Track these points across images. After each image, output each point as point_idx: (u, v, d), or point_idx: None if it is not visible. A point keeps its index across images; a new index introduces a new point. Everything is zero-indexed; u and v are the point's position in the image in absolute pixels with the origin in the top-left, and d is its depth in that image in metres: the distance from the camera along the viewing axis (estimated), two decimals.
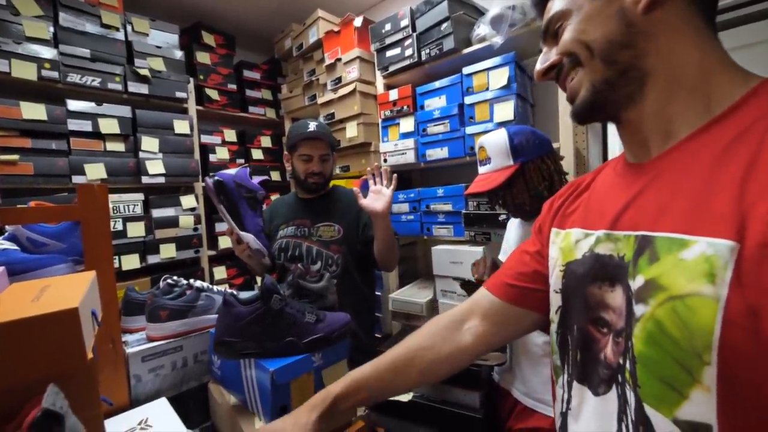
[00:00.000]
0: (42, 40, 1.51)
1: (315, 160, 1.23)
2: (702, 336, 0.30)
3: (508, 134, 0.92)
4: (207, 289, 0.91)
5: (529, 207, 0.94)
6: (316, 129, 1.21)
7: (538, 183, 0.90)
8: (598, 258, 0.42)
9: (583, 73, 0.41)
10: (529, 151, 0.91)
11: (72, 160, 1.58)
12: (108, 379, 0.73)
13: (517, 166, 0.90)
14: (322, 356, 0.77)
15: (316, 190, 1.28)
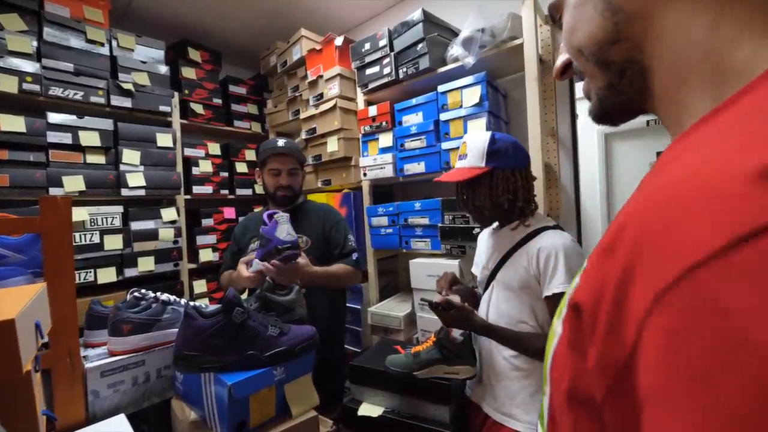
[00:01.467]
0: (24, 54, 1.53)
1: (283, 174, 1.30)
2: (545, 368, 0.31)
3: (491, 137, 0.96)
4: (173, 302, 0.90)
5: (488, 212, 0.97)
6: (284, 145, 1.29)
7: (502, 192, 0.94)
8: None
9: (588, 81, 0.35)
10: (502, 160, 0.95)
11: (50, 172, 1.57)
12: (64, 394, 0.71)
13: (486, 169, 0.93)
14: (284, 370, 0.77)
15: (285, 203, 1.33)
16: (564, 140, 1.52)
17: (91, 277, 1.65)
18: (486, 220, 1.01)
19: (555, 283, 0.88)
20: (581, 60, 0.34)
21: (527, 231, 0.97)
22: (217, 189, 2.20)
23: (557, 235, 0.93)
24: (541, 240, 0.93)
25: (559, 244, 0.90)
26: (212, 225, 2.17)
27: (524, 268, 0.93)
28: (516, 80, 1.61)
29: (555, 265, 0.88)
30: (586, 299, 0.24)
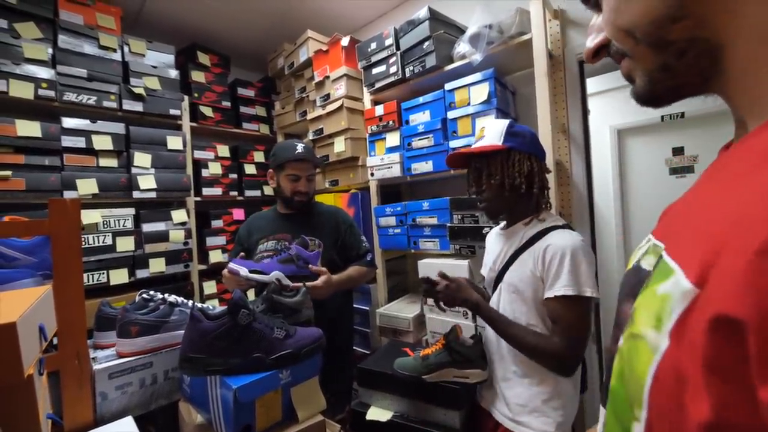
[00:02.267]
0: (40, 61, 1.57)
1: (302, 180, 1.29)
2: (636, 387, 0.26)
3: (510, 122, 0.94)
4: (181, 304, 0.91)
5: (507, 193, 0.92)
6: (303, 151, 1.28)
7: (519, 174, 0.90)
8: (637, 271, 0.35)
9: (633, 62, 0.32)
10: (521, 143, 0.92)
11: (64, 175, 1.61)
12: (72, 396, 0.72)
13: (503, 147, 0.91)
14: (290, 373, 0.76)
15: (300, 208, 1.34)
16: (575, 137, 1.48)
17: (103, 279, 1.68)
18: (500, 205, 0.96)
19: (558, 285, 0.84)
20: (628, 41, 0.31)
21: (539, 228, 0.94)
22: (226, 191, 2.22)
23: (566, 234, 0.89)
24: (548, 239, 0.89)
25: (567, 244, 0.86)
26: (222, 226, 2.19)
27: (530, 270, 0.90)
28: (525, 77, 1.58)
29: (560, 266, 0.84)
30: (753, 316, 0.18)
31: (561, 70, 1.47)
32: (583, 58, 0.38)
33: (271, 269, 1.09)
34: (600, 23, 0.35)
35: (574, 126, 1.48)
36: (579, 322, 0.84)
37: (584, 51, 0.38)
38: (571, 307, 0.84)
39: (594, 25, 0.36)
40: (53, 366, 0.69)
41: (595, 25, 0.36)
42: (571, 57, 1.46)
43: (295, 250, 1.13)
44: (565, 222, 0.97)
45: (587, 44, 0.37)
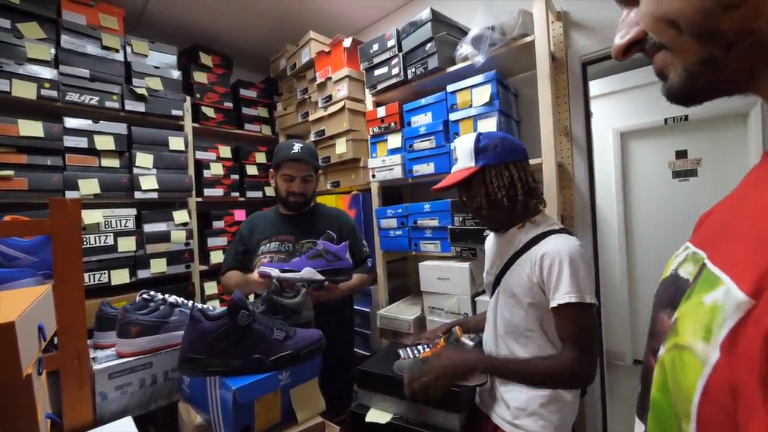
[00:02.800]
0: (43, 61, 1.57)
1: (297, 181, 1.28)
2: (683, 400, 0.25)
3: (476, 137, 0.93)
4: (181, 305, 0.90)
5: (486, 212, 0.93)
6: (299, 151, 1.26)
7: (498, 189, 0.90)
8: (675, 280, 0.34)
9: (671, 55, 0.30)
10: (492, 156, 0.91)
11: (66, 175, 1.61)
12: (72, 395, 0.72)
13: (476, 168, 0.91)
14: (290, 374, 0.76)
15: (296, 209, 1.33)
16: (578, 139, 1.48)
17: (105, 279, 1.68)
18: (486, 220, 0.97)
19: (560, 293, 0.82)
20: (669, 32, 0.29)
21: (535, 232, 0.93)
22: (227, 191, 2.23)
23: (562, 239, 0.88)
24: (544, 245, 0.88)
25: (563, 250, 0.84)
26: (223, 227, 2.19)
27: (527, 275, 0.89)
28: (527, 78, 1.57)
29: (559, 274, 0.83)
30: None
31: (564, 72, 1.47)
32: (612, 55, 0.36)
33: (301, 267, 1.09)
34: (633, 18, 0.34)
35: (576, 128, 1.48)
36: (584, 330, 0.83)
37: (613, 48, 0.36)
38: (575, 316, 0.82)
39: (625, 20, 0.35)
40: (53, 365, 0.69)
41: (626, 21, 0.35)
42: (574, 59, 1.46)
43: (323, 245, 1.13)
44: (562, 226, 0.96)
45: (616, 41, 0.36)
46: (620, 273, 2.92)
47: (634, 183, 3.05)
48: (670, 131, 2.89)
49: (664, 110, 2.85)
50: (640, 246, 2.97)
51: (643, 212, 2.98)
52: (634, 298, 2.92)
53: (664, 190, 2.87)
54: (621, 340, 2.87)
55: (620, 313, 2.87)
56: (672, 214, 2.81)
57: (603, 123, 3.01)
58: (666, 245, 2.80)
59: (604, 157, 3.01)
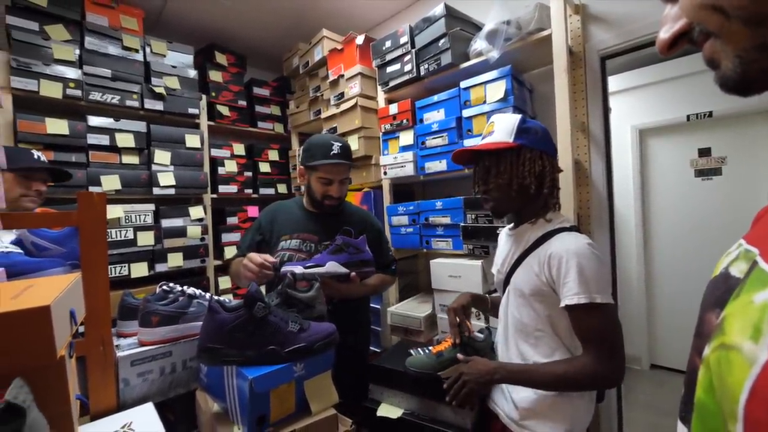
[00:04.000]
0: (68, 61, 1.63)
1: (335, 185, 1.20)
2: (729, 401, 0.24)
3: (522, 117, 0.90)
4: (199, 296, 0.93)
5: (507, 193, 0.89)
6: (340, 152, 1.17)
7: (528, 173, 0.86)
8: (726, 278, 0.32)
9: (721, 43, 0.29)
10: (533, 140, 0.88)
11: (90, 172, 1.67)
12: (97, 380, 0.75)
13: (514, 144, 0.87)
14: (304, 366, 0.77)
15: (329, 212, 1.27)
16: (595, 136, 1.45)
17: (125, 272, 1.74)
18: (503, 204, 0.93)
19: (569, 294, 0.80)
20: (715, 19, 0.28)
21: (544, 230, 0.90)
22: (241, 188, 2.27)
23: (571, 237, 0.85)
24: (552, 243, 0.85)
25: (571, 249, 0.81)
26: (236, 223, 2.23)
27: (536, 274, 0.86)
28: (543, 74, 1.55)
29: (567, 273, 0.80)
30: None
31: (581, 66, 1.44)
32: (658, 51, 0.35)
33: (324, 261, 1.10)
34: (676, 12, 0.33)
35: (594, 124, 1.45)
36: (599, 331, 0.79)
37: (658, 43, 0.35)
38: (587, 318, 0.80)
39: (668, 15, 0.34)
40: (80, 351, 0.72)
41: (669, 15, 0.34)
42: (592, 53, 1.43)
43: (342, 240, 1.13)
44: (573, 224, 0.93)
45: (661, 36, 0.34)
46: (637, 275, 2.85)
47: (653, 182, 2.96)
48: (693, 128, 2.80)
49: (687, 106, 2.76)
50: (659, 247, 2.89)
51: (662, 212, 2.90)
52: (652, 301, 2.84)
53: (686, 189, 2.79)
54: (637, 344, 2.80)
55: (637, 316, 2.80)
56: (694, 215, 2.72)
57: (621, 120, 2.93)
58: (687, 247, 2.72)
59: (622, 156, 2.94)
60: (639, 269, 2.84)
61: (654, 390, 2.50)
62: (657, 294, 2.83)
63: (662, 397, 2.35)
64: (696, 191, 2.73)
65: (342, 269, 1.10)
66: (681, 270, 2.68)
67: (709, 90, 2.82)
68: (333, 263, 1.10)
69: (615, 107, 2.24)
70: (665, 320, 2.78)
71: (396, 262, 1.37)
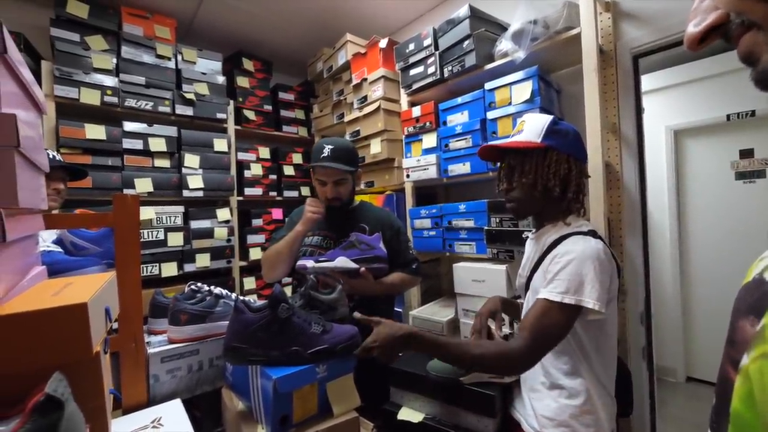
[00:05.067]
0: (106, 70, 1.72)
1: (329, 186, 1.23)
2: None
3: (553, 118, 0.88)
4: (225, 296, 0.95)
5: (528, 199, 0.87)
6: (329, 155, 1.19)
7: (553, 176, 0.84)
8: (759, 285, 0.31)
9: (764, 34, 0.27)
10: (561, 142, 0.86)
11: (124, 175, 1.75)
12: (129, 376, 0.78)
13: (541, 144, 0.85)
14: (327, 368, 0.77)
15: (334, 210, 1.29)
16: (627, 137, 1.38)
17: (156, 271, 1.81)
18: (523, 205, 0.90)
19: (551, 286, 0.77)
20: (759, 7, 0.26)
21: (561, 233, 0.87)
22: (266, 191, 2.32)
23: (580, 240, 0.82)
24: (564, 244, 0.83)
25: (576, 250, 0.79)
26: (261, 225, 2.28)
27: (545, 277, 0.83)
28: (571, 74, 1.50)
29: (560, 270, 0.78)
30: None
31: (612, 66, 1.38)
32: (686, 46, 0.33)
33: (335, 256, 1.11)
34: (708, 4, 0.31)
35: (625, 125, 1.39)
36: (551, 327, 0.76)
37: (686, 38, 0.33)
38: (545, 312, 0.76)
39: (698, 8, 0.32)
40: (113, 347, 0.75)
41: (699, 8, 0.32)
42: (624, 52, 1.37)
43: (355, 236, 1.14)
44: (592, 228, 0.89)
45: (690, 30, 0.33)
46: (672, 283, 2.70)
47: (689, 185, 2.80)
48: (734, 128, 2.63)
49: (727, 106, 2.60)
50: (696, 254, 2.72)
51: (699, 217, 2.74)
52: (688, 311, 2.68)
53: (725, 193, 2.62)
54: (672, 355, 2.64)
55: (672, 326, 2.65)
56: (734, 219, 2.55)
57: (654, 121, 2.80)
58: (726, 253, 2.55)
59: (656, 158, 2.80)
60: (674, 276, 2.69)
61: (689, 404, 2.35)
62: (694, 303, 2.67)
63: (698, 412, 2.20)
64: (736, 194, 2.57)
65: (352, 264, 1.11)
66: (719, 277, 2.52)
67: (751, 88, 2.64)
68: (343, 258, 1.11)
69: (648, 107, 2.13)
70: (702, 331, 2.61)
71: (418, 261, 1.34)
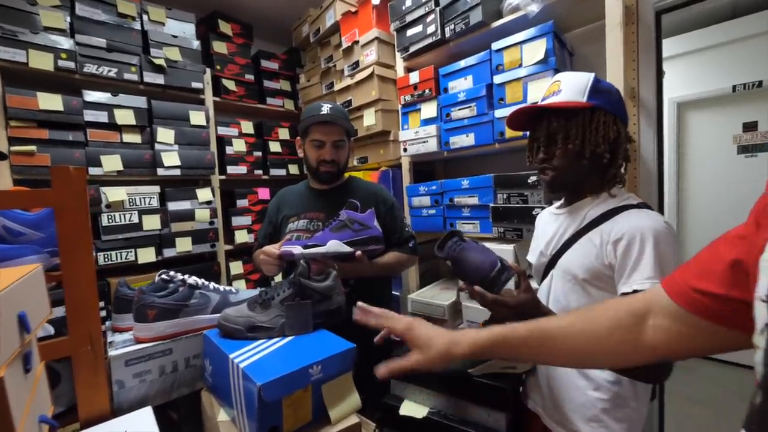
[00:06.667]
0: (59, 29, 1.50)
1: (327, 147, 1.12)
2: None
3: (596, 76, 0.76)
4: (202, 286, 0.82)
5: (574, 169, 0.76)
6: (329, 112, 1.10)
7: (603, 140, 0.73)
8: None
9: None
10: (607, 101, 0.75)
11: (88, 151, 1.57)
12: (86, 383, 0.65)
13: (587, 104, 0.73)
14: (321, 369, 0.66)
15: (328, 180, 1.18)
16: (647, 103, 1.26)
17: (131, 257, 1.66)
18: (573, 175, 0.79)
19: (637, 276, 0.67)
20: None
21: (607, 206, 0.77)
22: (251, 169, 2.15)
23: (644, 215, 0.72)
24: (621, 221, 0.73)
25: (646, 227, 0.69)
26: (247, 206, 2.12)
27: (595, 254, 0.74)
28: (586, 34, 1.36)
29: (640, 254, 0.68)
30: None
31: (632, 22, 1.24)
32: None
33: (325, 240, 0.99)
34: None
35: (645, 91, 1.26)
36: None
37: None
38: None
39: None
40: (63, 352, 0.62)
41: None
42: (646, 6, 1.23)
43: (346, 215, 1.01)
44: (641, 200, 0.79)
45: None
46: None
47: (690, 159, 2.74)
48: (739, 100, 2.54)
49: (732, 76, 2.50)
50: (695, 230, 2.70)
51: (700, 192, 2.69)
52: None
53: (727, 167, 2.57)
54: None
55: None
56: (735, 195, 2.51)
57: None
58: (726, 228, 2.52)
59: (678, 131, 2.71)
60: None
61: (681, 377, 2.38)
62: None
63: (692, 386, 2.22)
64: (738, 169, 2.52)
65: (345, 248, 0.98)
66: None
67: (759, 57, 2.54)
68: (335, 242, 0.98)
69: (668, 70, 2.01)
70: None
71: (415, 239, 1.23)
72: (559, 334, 0.51)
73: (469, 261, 0.78)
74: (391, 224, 1.17)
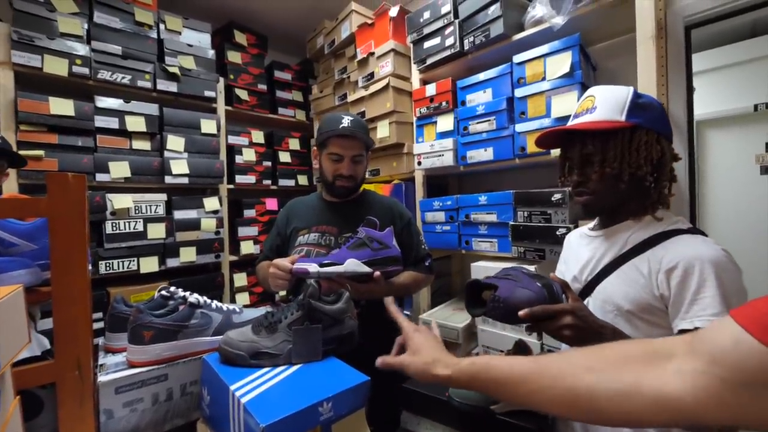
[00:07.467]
0: (75, 36, 1.50)
1: (346, 162, 1.07)
2: None
3: (634, 91, 0.70)
4: (203, 305, 0.76)
5: (611, 192, 0.70)
6: (350, 125, 1.05)
7: (645, 161, 0.66)
8: None
9: None
10: (649, 119, 0.68)
11: (97, 157, 1.54)
12: (70, 413, 0.58)
13: (627, 124, 0.67)
14: (332, 407, 0.59)
15: (343, 195, 1.13)
16: (677, 120, 1.20)
17: (134, 267, 1.61)
18: (611, 198, 0.72)
19: (699, 310, 0.60)
20: None
21: (653, 230, 0.70)
22: (259, 179, 2.11)
23: (699, 241, 0.65)
24: (673, 248, 0.65)
25: (705, 256, 0.62)
26: (254, 216, 2.08)
27: (643, 285, 0.67)
28: (611, 48, 1.31)
29: (700, 287, 0.60)
30: None
31: (662, 37, 1.19)
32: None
33: (343, 258, 0.92)
34: None
35: (675, 108, 1.20)
36: None
37: None
38: None
39: None
40: (47, 378, 0.56)
41: None
42: (675, 20, 1.18)
43: (365, 232, 0.95)
44: (691, 225, 0.72)
45: None
46: None
47: (709, 180, 2.65)
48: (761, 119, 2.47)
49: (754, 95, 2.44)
50: None
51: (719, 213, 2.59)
52: None
53: (748, 188, 2.47)
54: None
55: None
56: (755, 216, 2.41)
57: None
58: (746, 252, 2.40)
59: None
60: None
61: None
62: None
63: None
64: (760, 189, 2.42)
65: (364, 268, 0.92)
66: None
67: None
68: (354, 261, 0.92)
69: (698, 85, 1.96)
70: None
71: (431, 257, 1.16)
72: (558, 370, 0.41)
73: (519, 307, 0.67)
74: (407, 241, 1.11)
